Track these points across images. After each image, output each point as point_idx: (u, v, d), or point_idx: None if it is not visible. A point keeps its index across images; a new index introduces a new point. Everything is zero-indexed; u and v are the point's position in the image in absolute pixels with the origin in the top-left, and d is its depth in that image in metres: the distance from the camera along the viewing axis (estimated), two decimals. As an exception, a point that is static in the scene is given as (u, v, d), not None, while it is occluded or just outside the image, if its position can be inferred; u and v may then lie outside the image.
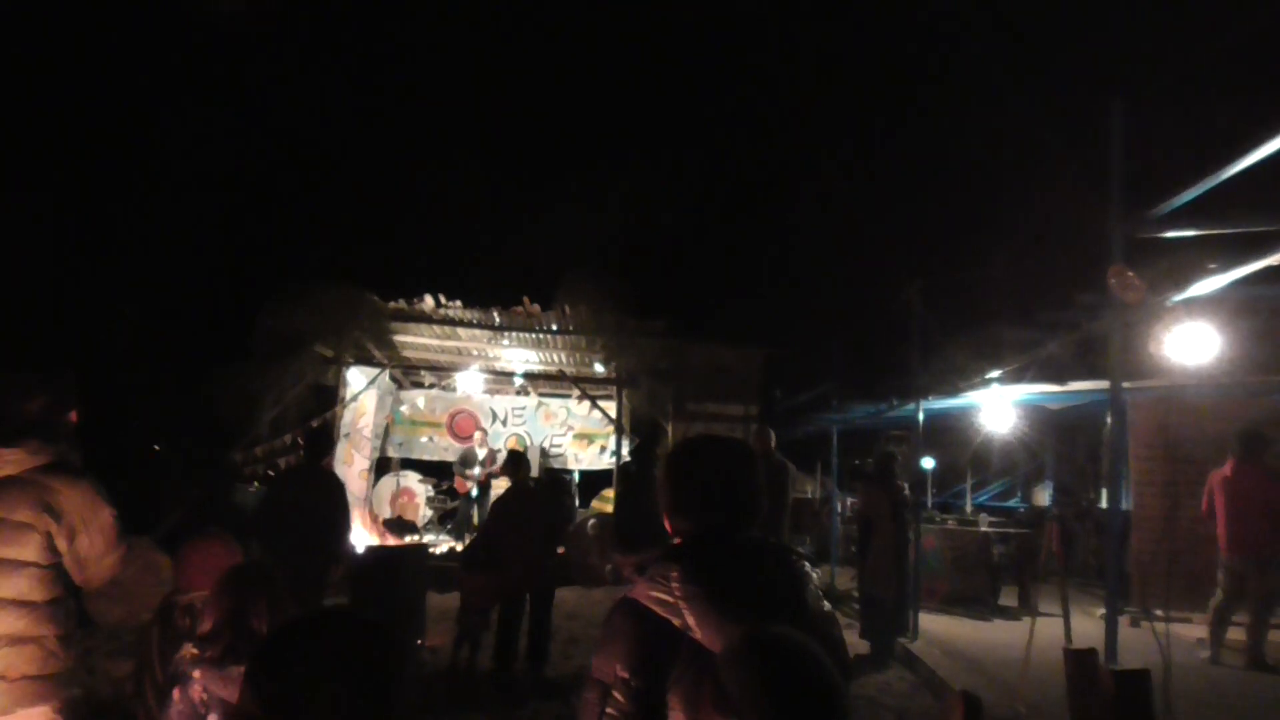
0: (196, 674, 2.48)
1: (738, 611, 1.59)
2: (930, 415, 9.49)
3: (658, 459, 7.92)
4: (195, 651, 2.50)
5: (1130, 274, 4.39)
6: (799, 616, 1.68)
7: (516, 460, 7.19)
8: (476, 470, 12.67)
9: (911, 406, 8.75)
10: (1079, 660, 4.41)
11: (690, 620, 1.61)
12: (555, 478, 10.05)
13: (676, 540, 1.85)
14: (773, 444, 7.83)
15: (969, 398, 9.68)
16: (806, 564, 1.84)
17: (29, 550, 2.67)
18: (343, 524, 6.52)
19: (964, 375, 8.68)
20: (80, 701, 2.91)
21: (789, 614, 1.65)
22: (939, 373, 9.14)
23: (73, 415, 2.93)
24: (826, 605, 1.80)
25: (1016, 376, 8.33)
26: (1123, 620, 5.76)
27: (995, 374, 8.10)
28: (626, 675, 1.63)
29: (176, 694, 2.49)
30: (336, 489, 6.45)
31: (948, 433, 13.03)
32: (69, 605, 2.86)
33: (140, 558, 8.70)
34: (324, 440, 6.76)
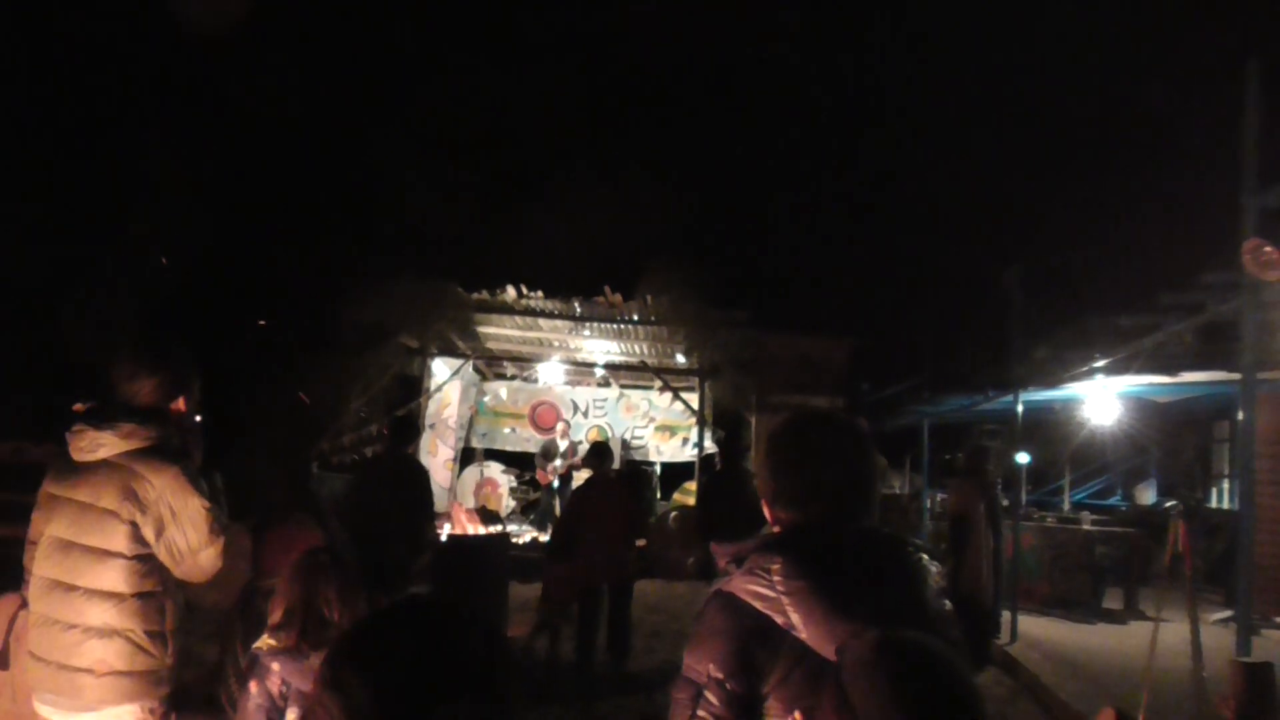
0: (275, 665, 2.37)
1: (849, 610, 1.44)
2: (1027, 408, 9.04)
3: (744, 451, 7.70)
4: (272, 643, 2.39)
5: (1269, 248, 3.97)
6: (918, 616, 1.50)
7: (600, 452, 7.04)
8: (558, 462, 12.59)
9: (1009, 398, 8.32)
10: (1254, 675, 3.96)
11: (794, 618, 1.47)
12: (635, 469, 9.88)
13: (776, 529, 1.69)
14: (863, 435, 7.51)
15: (1070, 389, 9.18)
16: (924, 557, 1.64)
17: (116, 540, 2.51)
18: (427, 512, 6.48)
19: (1066, 365, 8.20)
20: (178, 694, 2.71)
21: (907, 613, 1.49)
22: (1038, 363, 8.67)
23: (181, 403, 2.74)
24: (947, 604, 1.61)
25: (1123, 367, 7.85)
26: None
27: (1100, 364, 7.60)
28: (721, 676, 1.49)
29: (254, 686, 2.39)
30: (421, 477, 6.41)
31: (1043, 426, 12.42)
32: (164, 601, 2.63)
33: (234, 544, 8.89)
34: (409, 429, 6.73)
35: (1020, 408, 8.09)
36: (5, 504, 9.44)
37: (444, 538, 7.93)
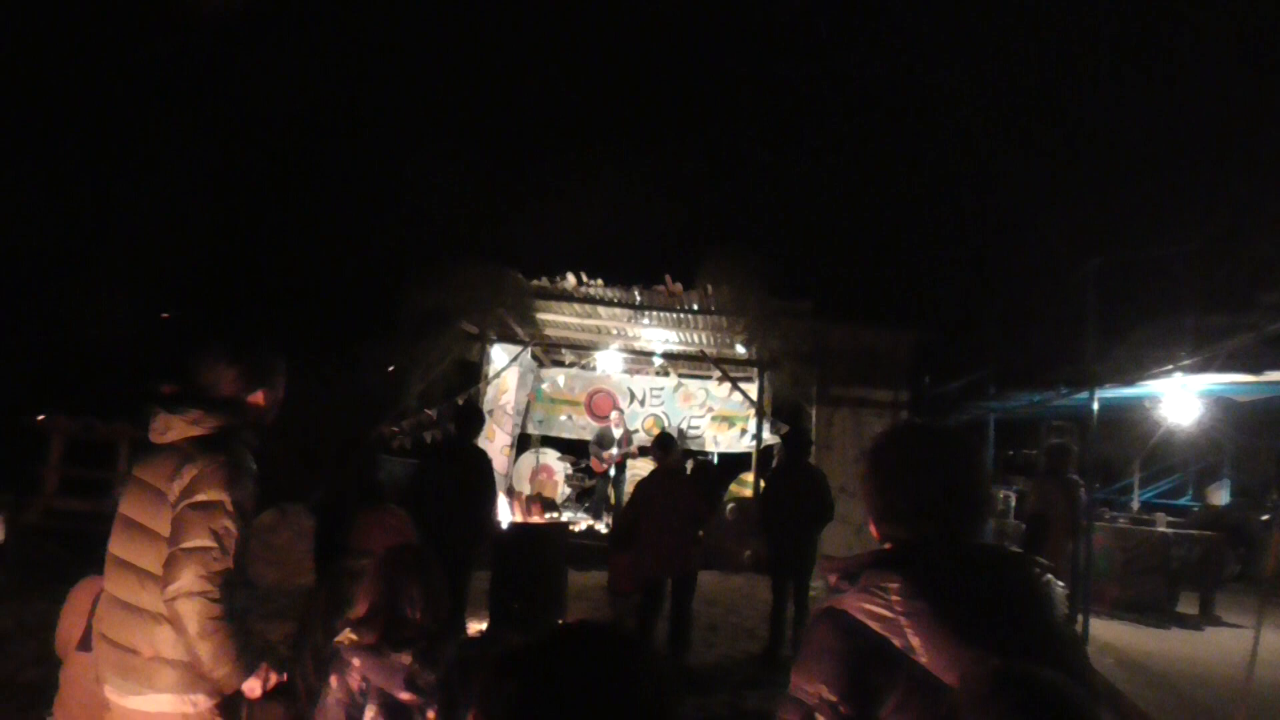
0: (356, 661, 2.31)
1: (974, 635, 1.37)
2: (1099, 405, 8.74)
3: (807, 446, 7.53)
4: (354, 637, 2.32)
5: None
6: (1047, 643, 1.42)
7: (666, 443, 6.92)
8: (613, 450, 12.51)
9: (1084, 395, 8.01)
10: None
11: (914, 641, 1.39)
12: (703, 465, 9.75)
13: (886, 546, 1.60)
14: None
15: (1146, 386, 8.83)
16: (1049, 577, 1.52)
17: (163, 522, 2.46)
18: (491, 500, 6.44)
19: (1146, 363, 7.88)
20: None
21: (1035, 640, 1.41)
22: (1115, 359, 8.35)
23: (260, 397, 2.68)
24: (1074, 628, 1.49)
25: (1203, 365, 7.52)
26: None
27: (1186, 362, 7.28)
28: (835, 698, 1.42)
29: (334, 680, 2.33)
30: (486, 465, 6.38)
31: (1111, 424, 12.02)
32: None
33: (294, 524, 8.96)
34: (476, 417, 6.68)
35: (1096, 405, 7.78)
36: (77, 479, 9.76)
37: (505, 524, 7.89)
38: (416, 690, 2.28)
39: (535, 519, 9.25)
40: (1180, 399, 8.97)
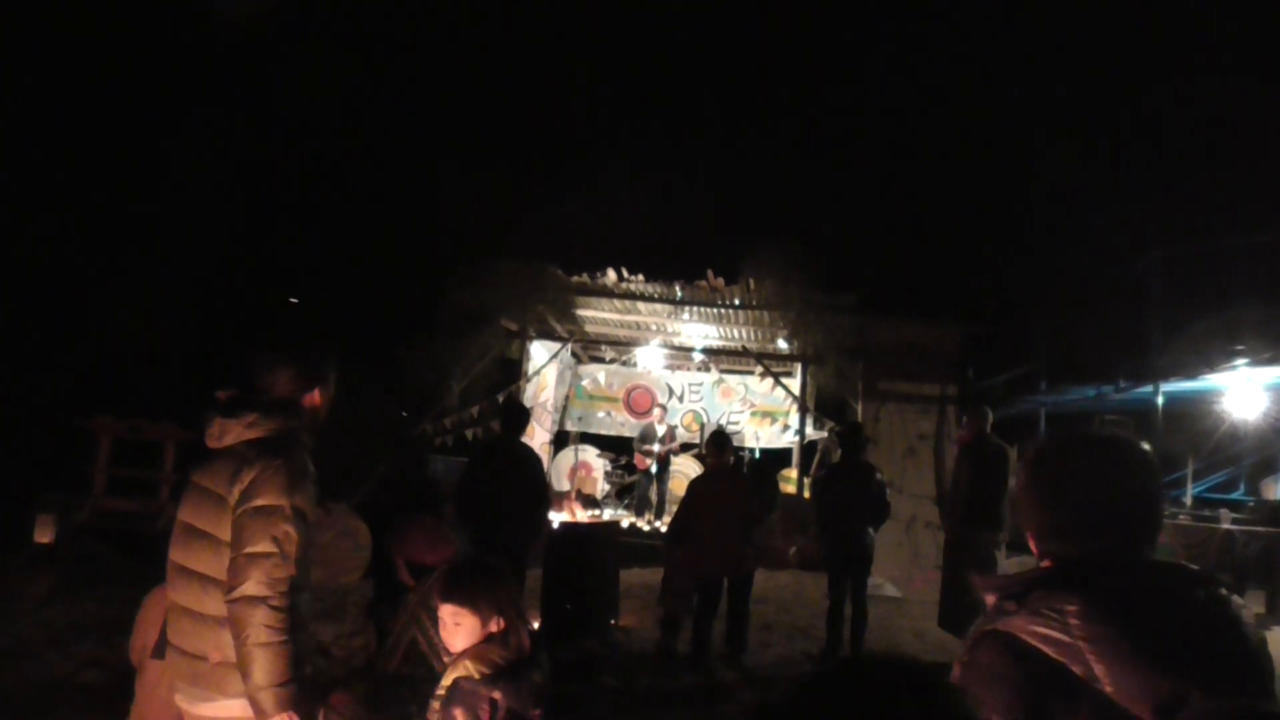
0: (496, 694, 2.16)
1: (1169, 663, 1.24)
2: (1145, 400, 8.47)
3: (865, 444, 7.34)
4: (478, 668, 2.19)
5: None
6: (1249, 674, 1.29)
7: (721, 442, 6.76)
8: (657, 447, 12.37)
9: (1147, 389, 7.75)
10: None
11: (1097, 669, 1.27)
12: (759, 465, 9.59)
13: (1045, 563, 1.49)
14: (989, 426, 7.07)
15: (1209, 380, 8.54)
16: (1236, 598, 1.39)
17: (225, 526, 2.40)
18: (543, 498, 6.33)
19: (1212, 358, 7.62)
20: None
21: (1236, 668, 1.29)
22: (1177, 352, 8.08)
23: (315, 396, 2.61)
24: (1269, 652, 1.35)
25: (1271, 359, 7.25)
26: None
27: (1266, 355, 7.01)
28: None
29: (459, 714, 2.18)
30: (536, 464, 6.27)
31: (1167, 418, 11.69)
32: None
33: (338, 523, 8.90)
34: (521, 412, 6.55)
35: (1161, 399, 7.52)
36: (124, 480, 9.77)
37: (555, 525, 7.78)
38: (542, 702, 2.20)
39: (580, 516, 9.13)
40: (1246, 392, 8.66)
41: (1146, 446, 1.56)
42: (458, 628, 2.28)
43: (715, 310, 11.60)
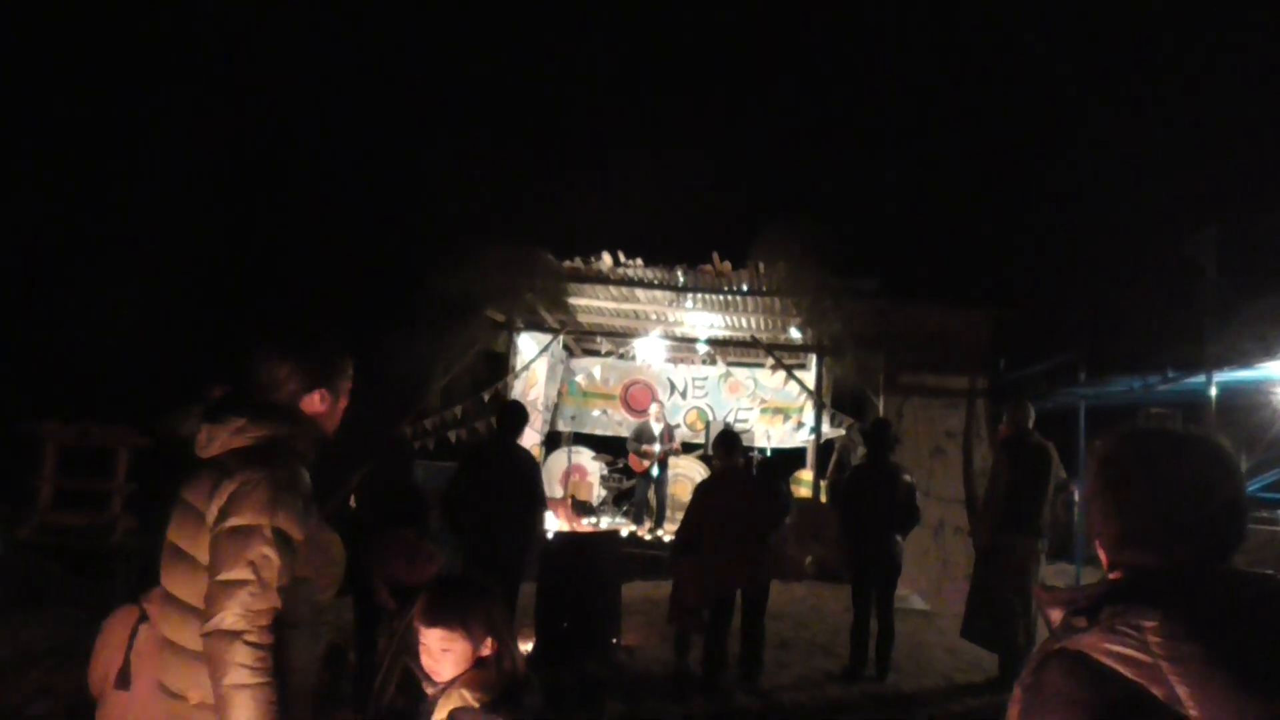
0: None
1: (1265, 685, 1.23)
2: (1196, 391, 8.38)
3: (893, 444, 7.27)
4: (475, 696, 2.15)
5: None
6: None
7: (729, 442, 6.70)
8: (657, 447, 12.28)
9: (1199, 379, 7.69)
10: None
11: (1180, 691, 1.25)
12: (769, 462, 9.50)
13: (1115, 574, 1.48)
14: (1031, 422, 7.00)
15: (1265, 369, 8.48)
16: None
17: (203, 549, 2.27)
18: (540, 506, 6.26)
19: (1267, 343, 7.55)
20: None
21: None
22: (1230, 339, 8.02)
23: (317, 400, 2.47)
24: None
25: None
26: None
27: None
28: None
29: None
30: (533, 468, 6.21)
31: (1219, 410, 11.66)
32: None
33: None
34: (519, 413, 6.47)
35: (1215, 390, 7.46)
36: (73, 491, 9.66)
37: (551, 534, 7.71)
38: None
39: (574, 525, 9.06)
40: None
41: (1227, 444, 1.53)
42: (445, 654, 2.23)
43: (721, 297, 11.51)
